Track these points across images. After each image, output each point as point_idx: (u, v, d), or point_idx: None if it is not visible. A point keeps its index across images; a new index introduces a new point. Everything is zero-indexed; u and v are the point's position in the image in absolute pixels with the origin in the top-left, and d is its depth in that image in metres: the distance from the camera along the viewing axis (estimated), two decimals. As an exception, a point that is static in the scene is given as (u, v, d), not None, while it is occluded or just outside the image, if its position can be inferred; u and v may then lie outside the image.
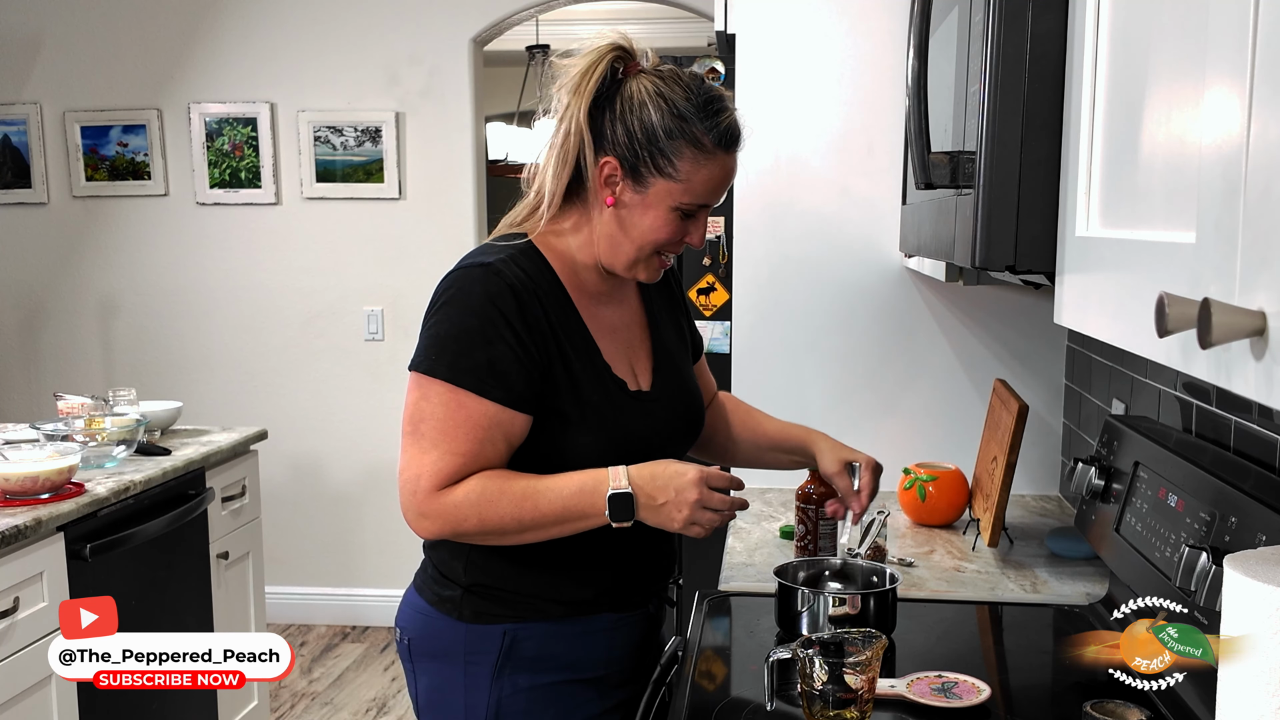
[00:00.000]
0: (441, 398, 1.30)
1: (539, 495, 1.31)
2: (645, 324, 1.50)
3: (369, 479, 4.08)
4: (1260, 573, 0.74)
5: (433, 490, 1.30)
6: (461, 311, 1.31)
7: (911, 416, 2.37)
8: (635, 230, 1.36)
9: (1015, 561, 1.90)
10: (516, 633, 1.38)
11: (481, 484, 1.30)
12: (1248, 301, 0.61)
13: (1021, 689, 1.48)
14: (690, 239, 1.38)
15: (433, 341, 1.32)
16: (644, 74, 1.35)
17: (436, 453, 1.30)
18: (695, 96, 1.33)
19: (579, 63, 1.34)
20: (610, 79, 1.34)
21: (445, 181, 3.93)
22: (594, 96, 1.33)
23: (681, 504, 1.30)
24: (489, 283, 1.31)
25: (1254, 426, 1.35)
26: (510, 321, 1.30)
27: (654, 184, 1.33)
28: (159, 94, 4.01)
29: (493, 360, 1.29)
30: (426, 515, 1.31)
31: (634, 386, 1.42)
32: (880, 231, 2.32)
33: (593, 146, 1.34)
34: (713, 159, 1.33)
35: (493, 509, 1.29)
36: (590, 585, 1.40)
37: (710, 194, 1.35)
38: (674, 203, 1.34)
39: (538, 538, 1.33)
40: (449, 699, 1.41)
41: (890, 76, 2.25)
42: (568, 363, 1.35)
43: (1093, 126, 0.96)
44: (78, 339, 4.15)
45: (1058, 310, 1.06)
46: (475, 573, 1.39)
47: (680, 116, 1.31)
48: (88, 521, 2.25)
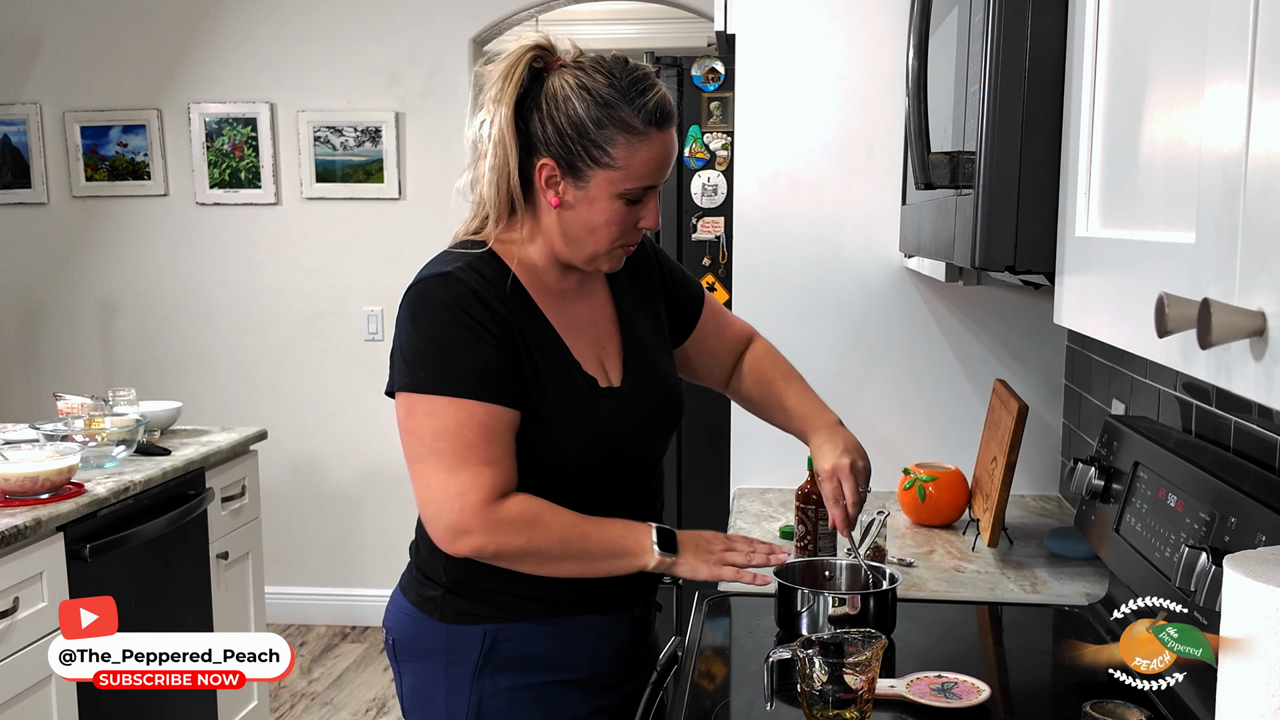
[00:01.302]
0: (447, 411, 1.29)
1: (587, 527, 1.34)
2: (615, 318, 1.48)
3: (368, 479, 4.08)
4: (1260, 573, 0.74)
5: (483, 505, 1.28)
6: (432, 324, 1.31)
7: (911, 416, 2.37)
8: (586, 226, 1.35)
9: (1015, 562, 1.90)
10: (497, 633, 1.38)
11: (534, 505, 1.31)
12: (1247, 302, 0.61)
13: (1021, 689, 1.48)
14: (644, 223, 1.37)
15: (415, 359, 1.31)
16: (565, 68, 1.33)
17: (469, 469, 1.28)
18: (619, 80, 1.31)
19: (499, 67, 1.33)
20: (532, 79, 1.33)
21: (445, 181, 3.89)
22: (518, 99, 1.31)
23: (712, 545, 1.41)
24: (452, 290, 1.31)
25: (1254, 427, 1.35)
26: (479, 322, 1.30)
27: (593, 176, 1.31)
28: (159, 94, 4.01)
29: (477, 364, 1.30)
30: (471, 531, 1.29)
31: (605, 383, 1.41)
32: (880, 231, 2.32)
33: (528, 150, 1.33)
34: (646, 139, 1.31)
35: (543, 531, 1.31)
36: (570, 585, 1.39)
37: (651, 175, 1.33)
38: (616, 190, 1.32)
39: (570, 571, 1.35)
40: (432, 699, 1.41)
41: (890, 76, 2.25)
42: (535, 364, 1.34)
43: (1093, 126, 0.96)
44: (78, 339, 4.15)
45: (1057, 310, 1.06)
46: (455, 570, 1.38)
47: (606, 104, 1.30)
48: (87, 521, 2.25)
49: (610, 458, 1.39)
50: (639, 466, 1.46)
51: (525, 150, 1.33)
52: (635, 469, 1.45)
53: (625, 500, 1.43)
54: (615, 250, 1.38)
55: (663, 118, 1.32)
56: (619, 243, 1.37)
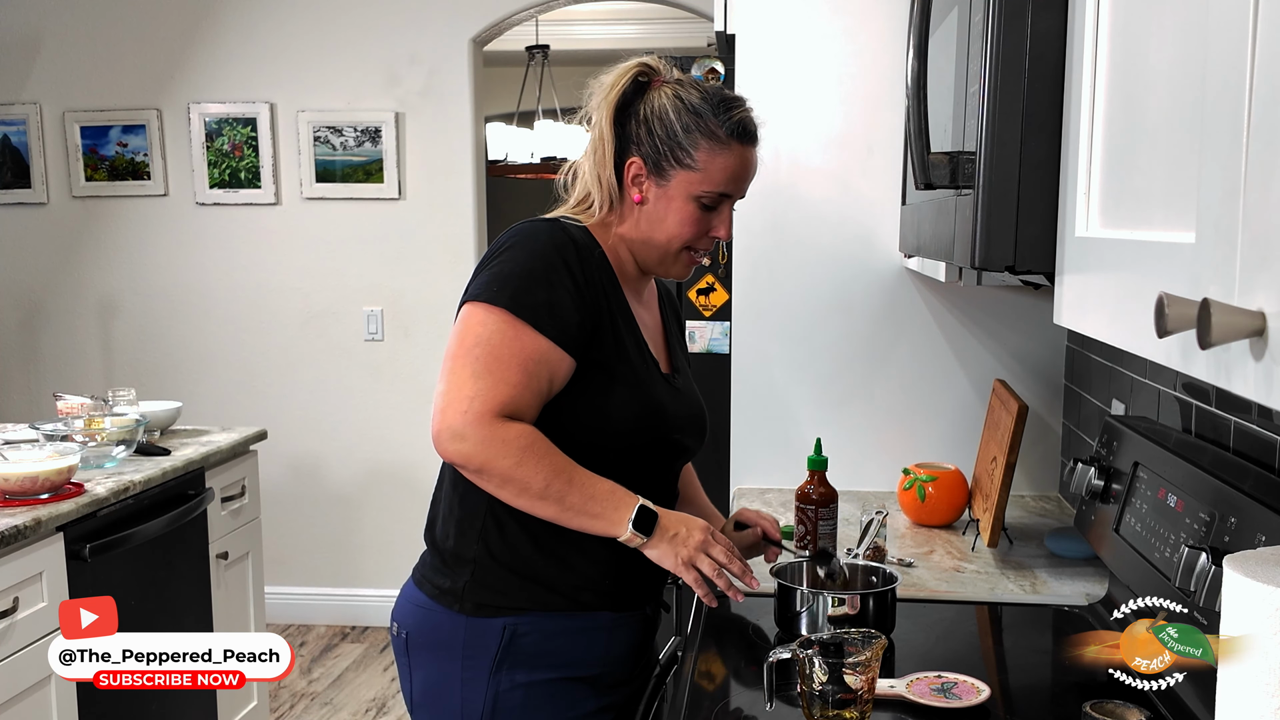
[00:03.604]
0: (499, 325, 1.34)
1: (575, 475, 1.35)
2: (664, 332, 1.58)
3: (369, 479, 4.08)
4: (1260, 573, 0.74)
5: (485, 414, 1.32)
6: (527, 254, 1.38)
7: (911, 416, 2.37)
8: (661, 224, 1.44)
9: (1015, 562, 1.90)
10: (516, 627, 1.39)
11: (534, 435, 1.34)
12: (1247, 302, 0.61)
13: (1021, 689, 1.48)
14: (716, 232, 1.46)
15: (494, 278, 1.37)
16: (666, 84, 1.46)
17: (491, 379, 1.32)
18: (711, 97, 1.44)
19: (608, 79, 1.47)
20: (634, 91, 1.45)
21: (445, 181, 3.93)
22: (618, 106, 1.44)
23: (689, 539, 1.39)
24: (554, 233, 1.40)
25: (1254, 427, 1.35)
26: (571, 269, 1.37)
27: (674, 176, 1.42)
28: (159, 94, 4.01)
29: (552, 301, 1.35)
30: (466, 438, 1.32)
31: (664, 370, 1.51)
32: (880, 232, 2.32)
33: (622, 152, 1.45)
34: (727, 149, 1.42)
35: (534, 462, 1.33)
36: (588, 580, 1.42)
37: (728, 183, 1.43)
38: (694, 192, 1.42)
39: (546, 513, 1.36)
40: (446, 694, 1.42)
41: (890, 76, 2.25)
42: (615, 323, 1.42)
43: (1093, 126, 0.96)
44: (77, 339, 4.15)
45: (1057, 310, 1.06)
46: (489, 540, 1.41)
47: (696, 113, 1.42)
48: (87, 521, 2.25)
49: (659, 433, 1.45)
50: (676, 454, 1.52)
51: (619, 151, 1.45)
52: (671, 455, 1.51)
53: (653, 481, 1.47)
54: (684, 254, 1.47)
55: (745, 133, 1.44)
56: (689, 244, 1.46)
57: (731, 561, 1.40)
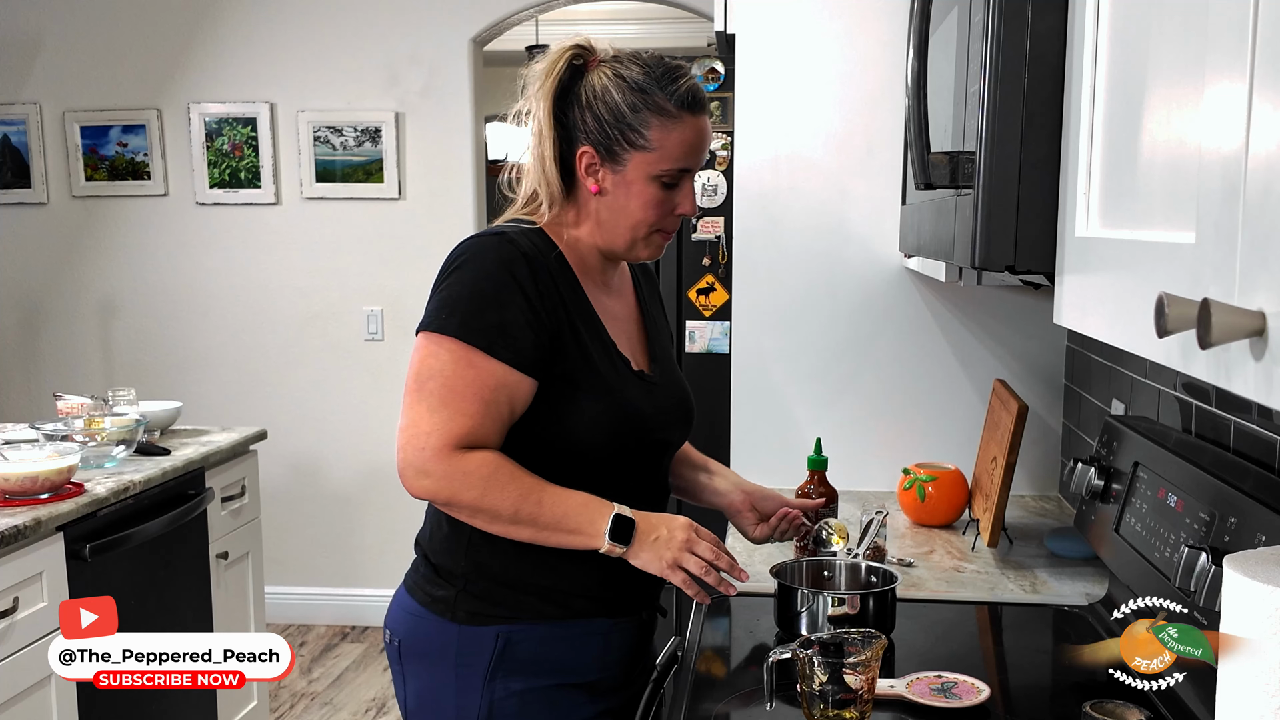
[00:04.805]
0: (451, 355, 1.31)
1: (545, 494, 1.32)
2: (640, 317, 1.54)
3: (369, 479, 4.08)
4: (1260, 573, 0.74)
5: (442, 449, 1.30)
6: (475, 274, 1.33)
7: (911, 416, 2.37)
8: (625, 211, 1.39)
9: (1015, 562, 1.90)
10: (510, 635, 1.37)
11: (496, 462, 1.31)
12: (1247, 302, 0.61)
13: (1021, 689, 1.48)
14: (681, 208, 1.41)
15: (443, 304, 1.33)
16: (603, 64, 1.40)
17: (447, 412, 1.30)
18: (653, 70, 1.38)
19: (541, 65, 1.41)
20: (572, 76, 1.40)
21: (445, 181, 3.94)
22: (557, 94, 1.39)
23: (671, 541, 1.35)
24: (502, 249, 1.34)
25: (1254, 427, 1.35)
26: (523, 286, 1.33)
27: (630, 159, 1.37)
28: (159, 94, 4.01)
29: (504, 322, 1.31)
30: (429, 474, 1.31)
31: (637, 367, 1.45)
32: (880, 231, 2.32)
33: (570, 142, 1.39)
34: (679, 122, 1.37)
35: (499, 490, 1.30)
36: (582, 587, 1.40)
37: (685, 157, 1.38)
38: (652, 172, 1.37)
39: (522, 536, 1.34)
40: (440, 703, 1.40)
41: (890, 76, 2.25)
42: (578, 336, 1.37)
43: (1093, 126, 0.96)
44: (77, 339, 4.15)
45: (1057, 310, 1.06)
46: (477, 554, 1.38)
47: (641, 89, 1.36)
48: (87, 521, 2.25)
49: (637, 437, 1.41)
50: (660, 452, 1.49)
51: (567, 142, 1.40)
52: (655, 454, 1.48)
53: (640, 484, 1.45)
54: (654, 236, 1.42)
55: (694, 103, 1.38)
56: (656, 227, 1.41)
57: (719, 557, 1.36)
